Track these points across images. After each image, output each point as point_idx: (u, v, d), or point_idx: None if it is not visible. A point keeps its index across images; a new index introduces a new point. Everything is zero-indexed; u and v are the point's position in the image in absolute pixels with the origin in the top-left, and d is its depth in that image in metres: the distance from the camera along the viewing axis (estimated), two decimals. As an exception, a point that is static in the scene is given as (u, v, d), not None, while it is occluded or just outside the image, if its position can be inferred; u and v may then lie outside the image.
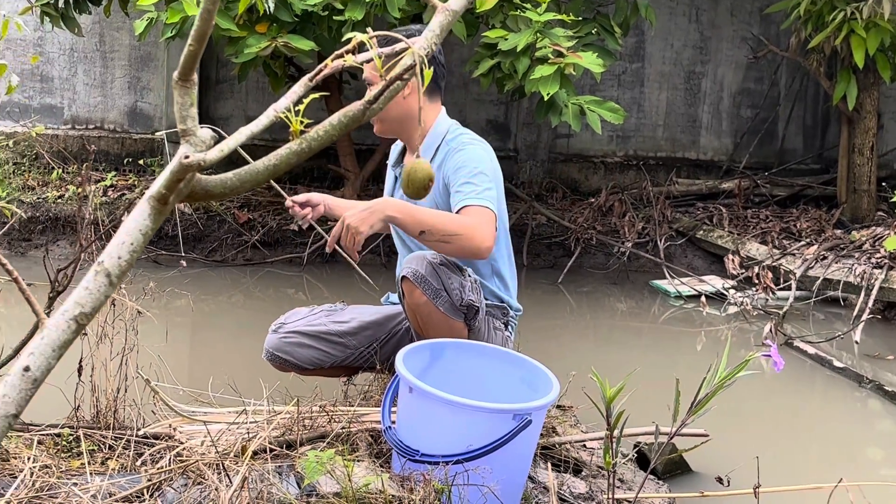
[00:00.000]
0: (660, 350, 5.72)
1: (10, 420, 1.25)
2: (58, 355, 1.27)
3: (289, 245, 7.14)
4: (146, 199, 1.33)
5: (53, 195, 7.06)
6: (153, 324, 3.35)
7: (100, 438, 2.83)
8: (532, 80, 5.56)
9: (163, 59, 8.00)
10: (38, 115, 7.97)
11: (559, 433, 3.48)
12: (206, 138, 1.35)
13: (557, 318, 6.23)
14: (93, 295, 1.29)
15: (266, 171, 1.39)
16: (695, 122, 8.66)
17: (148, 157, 7.94)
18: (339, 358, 3.58)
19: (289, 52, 5.86)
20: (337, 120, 1.41)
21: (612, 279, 7.10)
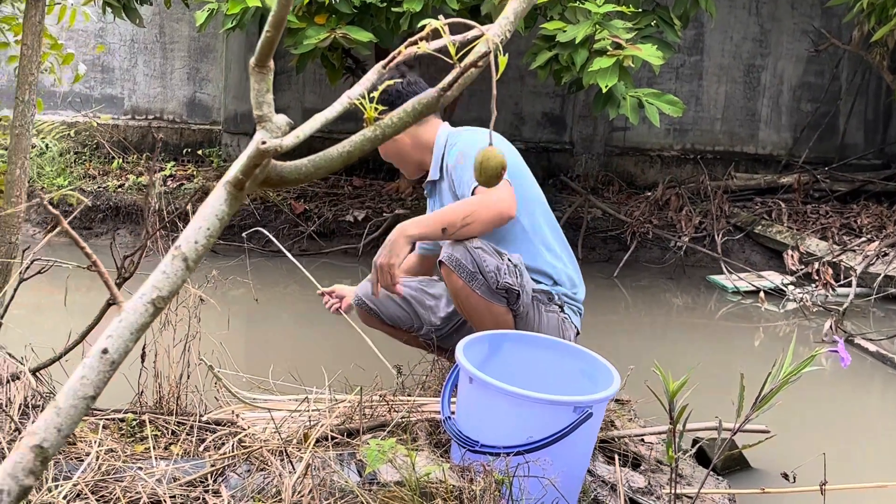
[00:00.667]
0: (716, 346, 5.66)
1: (88, 402, 1.27)
2: (135, 338, 1.28)
3: (344, 236, 7.17)
4: (222, 184, 1.34)
5: (114, 184, 7.15)
6: (213, 312, 3.38)
7: (163, 424, 2.86)
8: (590, 72, 5.53)
9: (221, 50, 8.06)
10: (99, 105, 8.07)
11: (618, 427, 3.46)
12: (281, 124, 1.36)
13: (613, 313, 6.19)
14: (170, 279, 1.30)
15: (340, 157, 1.39)
16: (754, 115, 8.56)
17: (206, 148, 8.01)
18: (416, 326, 3.65)
19: (347, 43, 5.88)
20: (411, 107, 1.41)
21: (668, 274, 7.05)
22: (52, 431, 1.24)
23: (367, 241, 7.02)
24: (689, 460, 3.43)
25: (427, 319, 3.66)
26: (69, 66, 3.45)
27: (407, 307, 3.65)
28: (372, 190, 7.62)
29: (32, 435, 1.23)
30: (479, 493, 2.44)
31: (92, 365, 1.26)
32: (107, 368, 1.27)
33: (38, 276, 2.75)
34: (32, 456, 1.23)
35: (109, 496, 2.32)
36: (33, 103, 2.72)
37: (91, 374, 1.26)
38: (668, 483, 3.15)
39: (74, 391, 1.25)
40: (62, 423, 1.25)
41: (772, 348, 5.64)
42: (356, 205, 7.36)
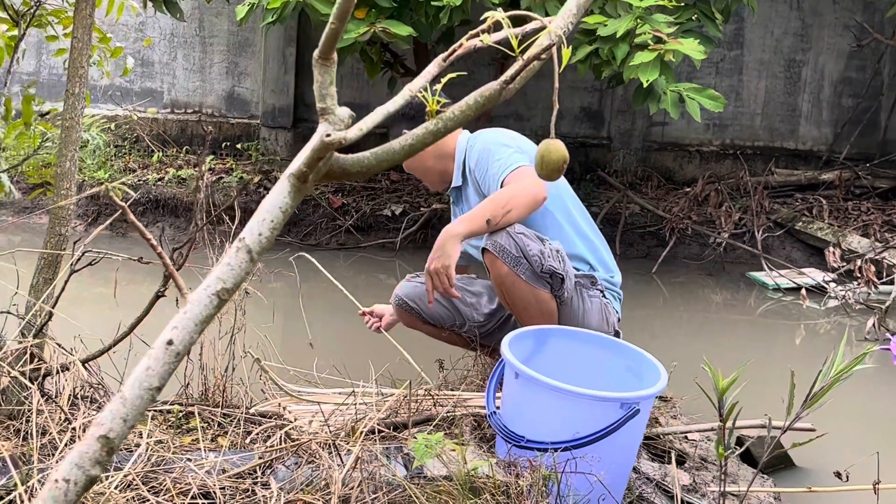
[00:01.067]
0: (756, 343, 5.62)
1: (153, 392, 1.27)
2: (200, 329, 1.28)
3: (382, 230, 7.17)
4: (286, 176, 1.34)
5: (153, 178, 7.19)
6: (258, 305, 3.40)
7: (209, 416, 2.87)
8: (631, 66, 5.49)
9: (260, 44, 8.09)
10: (138, 99, 8.13)
11: (661, 424, 3.44)
12: (344, 117, 1.36)
13: (651, 309, 6.16)
14: (234, 270, 1.31)
15: (402, 150, 1.39)
16: (794, 111, 8.49)
17: (244, 142, 8.04)
18: (459, 323, 3.66)
19: (387, 37, 5.87)
20: (473, 100, 1.40)
21: (707, 270, 7.00)
22: (118, 422, 1.24)
23: (405, 235, 7.02)
24: (734, 458, 3.41)
25: (469, 316, 3.66)
26: (116, 59, 3.47)
27: (449, 305, 3.65)
28: (409, 184, 7.62)
29: (99, 425, 1.24)
30: (526, 488, 2.43)
31: (157, 356, 1.27)
32: (172, 359, 1.27)
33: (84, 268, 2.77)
34: (99, 446, 1.23)
35: (160, 487, 2.33)
36: (83, 96, 2.74)
37: (156, 364, 1.27)
38: (713, 481, 3.13)
39: (140, 381, 1.26)
40: (128, 414, 1.25)
41: (813, 346, 5.59)
42: (394, 199, 7.36)
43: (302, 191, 1.34)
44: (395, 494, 2.33)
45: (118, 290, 5.14)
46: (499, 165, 3.40)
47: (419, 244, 7.07)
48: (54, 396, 2.66)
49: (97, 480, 1.24)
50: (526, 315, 3.31)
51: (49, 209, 2.69)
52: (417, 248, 7.05)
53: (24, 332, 2.67)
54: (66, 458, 1.23)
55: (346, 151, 1.41)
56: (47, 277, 2.72)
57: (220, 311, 1.29)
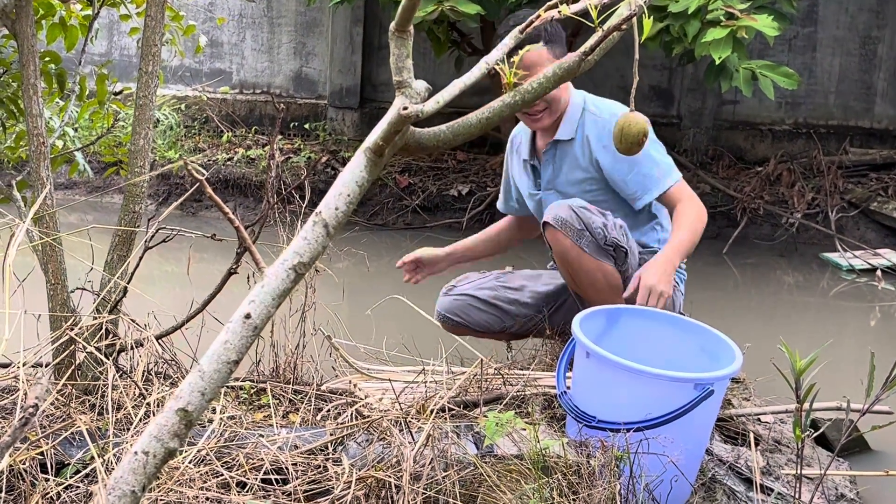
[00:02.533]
0: (830, 325, 5.51)
1: (231, 366, 1.27)
2: (277, 303, 1.28)
3: (448, 210, 7.17)
4: (362, 150, 1.33)
5: (223, 158, 7.26)
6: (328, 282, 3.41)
7: (280, 392, 2.89)
8: (703, 43, 5.40)
9: (327, 24, 8.11)
10: (207, 80, 8.20)
11: (734, 405, 3.39)
12: (420, 90, 1.34)
13: (722, 290, 6.07)
14: (311, 245, 1.30)
15: (479, 123, 1.37)
16: (869, 89, 8.28)
17: (312, 122, 8.08)
18: (508, 324, 3.60)
19: (455, 16, 5.84)
20: (552, 73, 1.38)
21: (779, 251, 6.88)
22: (196, 395, 1.25)
23: (471, 215, 7.01)
24: (809, 441, 3.35)
25: (516, 313, 3.61)
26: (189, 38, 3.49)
27: (492, 310, 3.61)
28: (476, 164, 7.59)
29: (178, 398, 1.24)
30: (598, 469, 2.41)
31: (235, 330, 1.27)
32: (249, 333, 1.27)
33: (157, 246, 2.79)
34: (177, 419, 1.24)
35: (233, 462, 2.35)
36: (156, 75, 2.76)
37: (234, 338, 1.27)
38: (787, 464, 3.08)
39: (218, 355, 1.26)
40: (206, 388, 1.26)
41: (889, 328, 5.47)
42: (460, 179, 7.34)
43: (378, 164, 1.33)
44: (467, 472, 2.32)
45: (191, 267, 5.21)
46: (659, 171, 3.36)
47: (485, 224, 7.00)
48: (129, 372, 2.69)
49: (176, 453, 1.25)
50: (592, 290, 3.27)
51: (123, 186, 2.72)
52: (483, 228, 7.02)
53: (98, 308, 2.71)
54: (146, 430, 1.24)
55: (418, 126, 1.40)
56: (121, 254, 2.75)
57: (296, 285, 1.29)
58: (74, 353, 2.62)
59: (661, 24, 5.70)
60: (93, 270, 2.79)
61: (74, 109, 3.35)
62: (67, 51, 3.42)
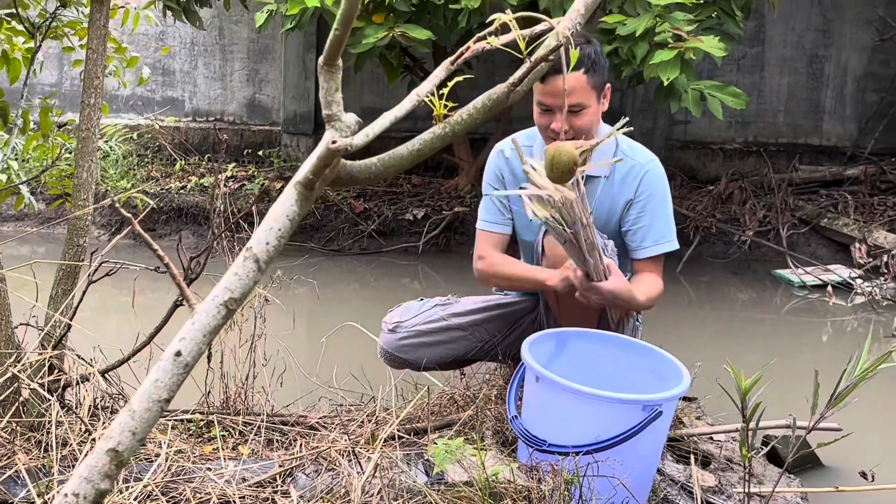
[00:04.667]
0: (783, 341, 5.56)
1: (161, 404, 1.26)
2: (208, 340, 1.27)
3: (404, 234, 7.17)
4: (293, 184, 1.33)
5: (176, 186, 7.22)
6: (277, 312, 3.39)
7: (230, 424, 2.87)
8: (651, 65, 5.46)
9: (280, 51, 8.11)
10: (160, 108, 8.16)
11: (686, 425, 3.41)
12: (350, 123, 1.34)
13: (676, 309, 6.11)
14: (242, 280, 1.30)
15: (410, 155, 1.37)
16: (817, 107, 8.41)
17: (266, 148, 8.06)
18: (460, 352, 3.48)
19: (405, 41, 5.87)
20: (481, 104, 1.38)
21: (732, 268, 6.94)
22: (126, 435, 1.24)
23: (427, 239, 7.01)
24: (760, 459, 3.37)
25: (468, 341, 3.48)
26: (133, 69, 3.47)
27: (444, 343, 3.45)
28: (431, 188, 7.61)
29: (108, 439, 1.23)
30: (548, 492, 2.41)
31: (165, 368, 1.26)
32: (180, 371, 1.27)
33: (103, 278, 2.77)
34: (108, 460, 1.23)
35: (179, 497, 2.33)
36: (99, 107, 2.75)
37: (164, 376, 1.26)
38: (740, 482, 3.10)
39: (149, 394, 1.25)
40: (137, 427, 1.24)
41: (840, 344, 5.53)
42: (416, 203, 7.36)
43: (309, 198, 1.33)
44: (416, 501, 2.32)
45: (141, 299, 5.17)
46: (671, 233, 3.38)
47: (441, 248, 7.06)
48: (74, 408, 2.66)
49: (107, 494, 1.24)
50: (572, 310, 3.15)
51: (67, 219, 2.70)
52: (440, 252, 7.04)
53: (43, 343, 2.68)
54: (76, 471, 1.23)
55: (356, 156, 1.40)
56: (66, 288, 2.72)
57: (228, 321, 1.28)
58: (19, 390, 2.59)
59: (610, 47, 5.75)
60: (36, 306, 2.76)
61: (19, 142, 3.32)
62: (11, 83, 3.40)
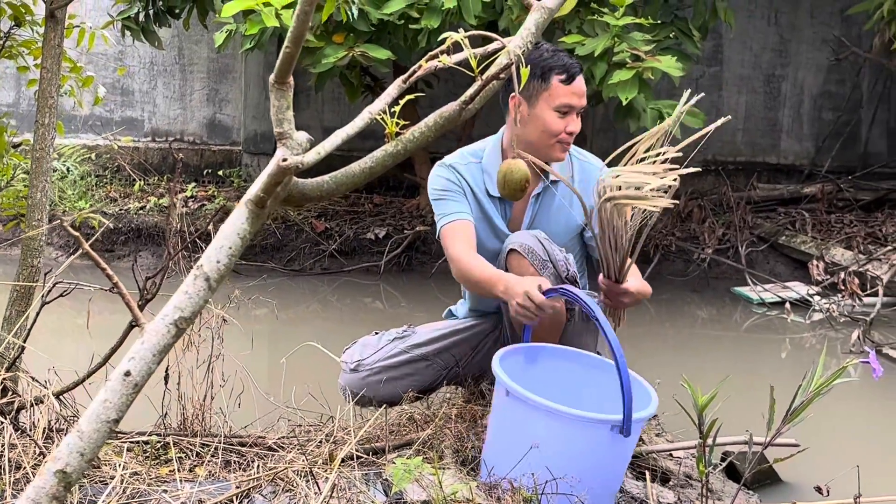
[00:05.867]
0: (743, 358, 5.60)
1: (111, 425, 1.25)
2: (158, 360, 1.26)
3: (366, 254, 7.16)
4: (244, 202, 1.32)
5: (135, 206, 7.17)
6: (236, 332, 3.37)
7: (187, 446, 2.84)
8: (610, 85, 5.50)
9: (240, 70, 8.10)
10: (119, 128, 8.11)
11: (645, 442, 3.42)
12: (302, 141, 1.34)
13: (637, 327, 6.14)
14: (192, 299, 1.29)
15: (362, 173, 1.37)
16: (775, 125, 8.51)
17: (226, 168, 8.03)
18: (426, 382, 3.42)
19: (366, 61, 5.88)
20: (433, 121, 1.39)
21: (692, 286, 6.99)
22: (75, 456, 1.22)
23: (389, 258, 7.01)
24: (719, 475, 3.39)
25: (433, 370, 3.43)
26: (89, 89, 3.45)
27: (409, 376, 3.39)
28: (393, 207, 7.61)
29: (56, 460, 1.22)
30: (507, 511, 2.41)
31: (114, 388, 1.25)
32: (129, 391, 1.25)
33: (61, 299, 2.74)
34: (56, 481, 1.21)
35: (135, 520, 2.30)
36: (53, 126, 2.72)
37: (114, 397, 1.25)
38: (699, 498, 3.11)
39: (97, 415, 1.24)
40: (85, 448, 1.23)
41: (799, 360, 5.58)
42: (377, 222, 7.35)
43: (261, 216, 1.33)
44: (374, 521, 2.31)
45: (98, 320, 5.12)
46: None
47: (403, 267, 7.06)
48: (28, 430, 2.63)
49: (54, 516, 1.22)
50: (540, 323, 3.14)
51: (20, 240, 2.67)
52: (402, 271, 7.04)
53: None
54: (24, 493, 1.21)
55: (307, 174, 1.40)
56: (20, 310, 2.69)
57: (178, 339, 1.28)
58: (-29, 413, 2.56)
59: (569, 67, 5.78)
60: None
61: (-28, 162, 3.28)
62: (-35, 103, 3.37)
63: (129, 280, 2.91)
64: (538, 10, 1.41)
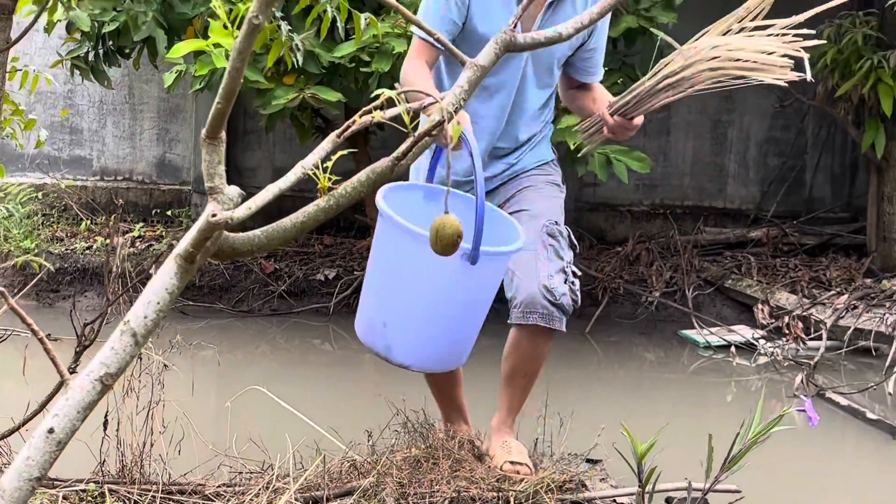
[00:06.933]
0: (689, 401, 5.65)
1: (33, 483, 1.23)
2: (83, 416, 1.25)
3: (315, 295, 7.13)
4: (173, 257, 1.32)
5: (82, 246, 7.10)
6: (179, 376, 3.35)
7: (125, 494, 2.80)
8: (559, 129, 5.56)
9: (191, 110, 8.07)
10: (67, 167, 8.05)
11: (589, 488, 3.42)
12: (233, 196, 1.34)
13: (585, 368, 6.17)
14: (118, 355, 1.28)
15: (294, 228, 1.38)
16: (721, 170, 8.63)
17: (176, 208, 7.99)
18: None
19: (316, 103, 5.90)
20: (365, 177, 1.40)
21: (640, 329, 7.04)
22: (-5, 515, 1.20)
23: (339, 299, 6.99)
24: (665, 520, 3.40)
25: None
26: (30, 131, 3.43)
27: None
28: (343, 248, 7.60)
29: (-25, 519, 1.20)
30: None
31: (37, 445, 1.23)
32: (53, 448, 1.24)
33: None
34: (-25, 541, 1.19)
35: (67, 572, 2.26)
36: (-6, 169, 2.70)
37: (36, 454, 1.23)
38: (641, 545, 3.11)
39: (19, 473, 1.22)
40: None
41: (745, 403, 5.63)
42: (327, 263, 7.34)
43: (190, 271, 1.33)
44: (312, 572, 2.29)
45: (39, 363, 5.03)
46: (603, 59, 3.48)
47: (353, 308, 6.99)
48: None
49: (-27, 577, 1.20)
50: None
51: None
52: (351, 313, 6.95)
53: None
54: (-59, 554, 1.19)
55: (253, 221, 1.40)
56: (-46, 355, 2.65)
57: (103, 396, 1.26)
58: None
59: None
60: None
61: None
62: None
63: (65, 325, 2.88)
64: (471, 68, 1.43)
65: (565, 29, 1.50)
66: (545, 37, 1.50)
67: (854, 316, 6.45)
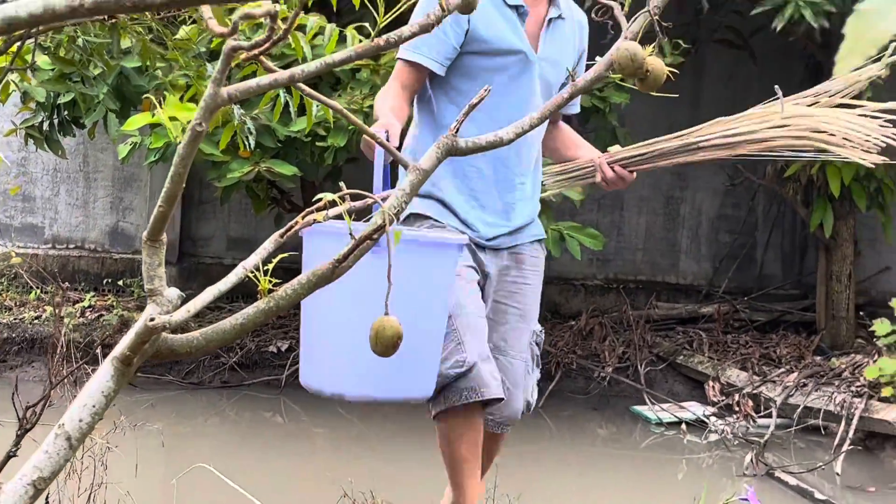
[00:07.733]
0: (640, 478, 5.65)
1: (-41, 591, 1.21)
2: (12, 523, 1.24)
3: (267, 367, 7.08)
4: (109, 359, 1.32)
5: (30, 315, 7.01)
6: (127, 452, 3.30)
7: (63, 580, 2.75)
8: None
9: (146, 179, 8.06)
10: (18, 234, 7.97)
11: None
12: (172, 298, 1.35)
13: (538, 443, 6.16)
14: (52, 459, 1.27)
15: (233, 330, 1.38)
16: (674, 246, 8.74)
17: (128, 278, 7.93)
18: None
19: (271, 176, 5.92)
20: (306, 279, 1.41)
21: (592, 404, 7.06)
22: None
23: (290, 371, 6.94)
24: None
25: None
26: None
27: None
28: (296, 320, 7.55)
29: None
30: None
31: (-36, 553, 1.21)
32: (-20, 556, 1.22)
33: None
34: None
35: None
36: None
37: (-37, 562, 1.21)
38: None
39: (-56, 581, 1.20)
40: None
41: (695, 480, 5.63)
42: (279, 335, 7.30)
43: (127, 374, 1.32)
44: None
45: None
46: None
47: (304, 381, 6.99)
48: None
49: None
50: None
51: None
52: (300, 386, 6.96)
53: None
54: None
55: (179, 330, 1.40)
56: None
57: (35, 500, 1.25)
58: None
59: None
60: None
61: None
62: None
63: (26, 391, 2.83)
64: (414, 172, 1.45)
65: (506, 134, 1.54)
66: (486, 141, 1.53)
67: (803, 394, 6.51)
